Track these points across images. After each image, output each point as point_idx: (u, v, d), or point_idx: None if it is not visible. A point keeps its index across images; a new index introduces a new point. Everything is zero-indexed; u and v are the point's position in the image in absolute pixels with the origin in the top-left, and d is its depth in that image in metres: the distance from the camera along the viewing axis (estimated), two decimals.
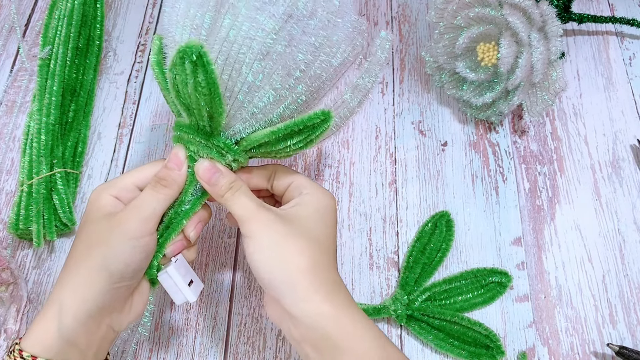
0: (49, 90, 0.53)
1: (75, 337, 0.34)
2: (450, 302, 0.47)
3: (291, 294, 0.34)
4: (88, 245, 0.35)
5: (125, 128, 0.57)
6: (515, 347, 0.46)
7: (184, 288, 0.38)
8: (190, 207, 0.38)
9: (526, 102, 0.52)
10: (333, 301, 0.34)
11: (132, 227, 0.35)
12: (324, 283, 0.35)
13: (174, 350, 0.46)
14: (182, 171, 0.37)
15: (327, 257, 0.36)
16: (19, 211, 0.48)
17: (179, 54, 0.31)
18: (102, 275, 0.34)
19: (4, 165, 0.54)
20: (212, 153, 0.36)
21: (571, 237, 0.51)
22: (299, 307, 0.33)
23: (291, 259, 0.34)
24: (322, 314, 0.33)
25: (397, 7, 0.64)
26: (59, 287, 0.35)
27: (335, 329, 0.33)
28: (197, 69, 0.31)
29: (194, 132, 0.36)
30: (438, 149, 0.55)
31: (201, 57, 0.31)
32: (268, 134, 0.36)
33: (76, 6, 0.57)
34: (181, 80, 0.33)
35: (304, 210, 0.37)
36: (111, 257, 0.34)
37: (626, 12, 0.63)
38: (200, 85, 0.32)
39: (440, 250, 0.49)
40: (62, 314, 0.33)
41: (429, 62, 0.57)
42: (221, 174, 0.37)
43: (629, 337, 0.46)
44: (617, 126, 0.56)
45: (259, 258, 0.35)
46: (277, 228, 0.35)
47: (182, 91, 0.34)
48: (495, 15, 0.49)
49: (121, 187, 0.37)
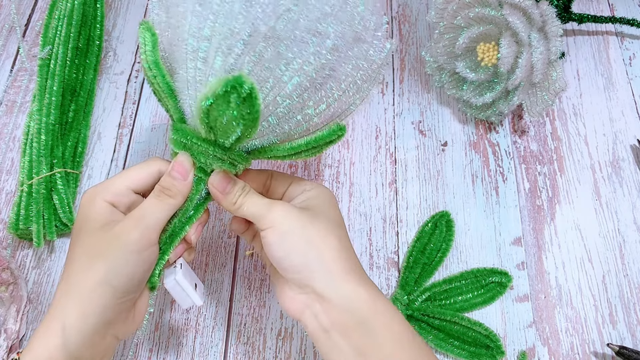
0: (49, 90, 0.53)
1: (81, 352, 0.33)
2: (450, 302, 0.47)
3: (325, 276, 0.33)
4: (88, 258, 0.34)
5: (125, 128, 0.57)
6: (515, 347, 0.46)
7: (192, 293, 0.38)
8: (194, 213, 0.37)
9: (526, 102, 0.52)
10: (367, 284, 0.34)
11: (135, 240, 0.34)
12: (355, 266, 0.35)
13: (174, 350, 0.46)
14: (187, 181, 0.36)
15: (348, 239, 0.37)
16: (19, 211, 0.48)
17: (226, 86, 0.29)
18: (106, 291, 0.33)
19: (4, 165, 0.54)
20: (225, 164, 0.36)
21: (571, 237, 0.51)
22: (335, 289, 0.33)
23: (322, 240, 0.34)
24: (359, 297, 0.33)
25: (397, 7, 0.64)
26: (61, 301, 0.33)
27: (371, 312, 0.33)
28: (245, 104, 0.30)
29: (209, 146, 0.35)
30: (438, 149, 0.55)
31: (252, 93, 0.29)
32: (288, 149, 0.35)
33: (76, 6, 0.57)
34: (219, 109, 0.31)
35: (314, 201, 0.37)
36: (114, 272, 0.33)
37: (626, 12, 0.63)
38: (244, 118, 0.31)
39: (440, 250, 0.49)
40: (67, 330, 0.32)
41: (429, 62, 0.57)
42: (234, 183, 0.36)
43: (629, 337, 0.46)
44: (617, 126, 0.56)
45: (287, 244, 0.34)
46: (298, 215, 0.35)
47: (215, 118, 0.32)
48: (495, 15, 0.49)
49: (116, 192, 0.36)
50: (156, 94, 0.38)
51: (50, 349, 0.32)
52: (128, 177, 0.37)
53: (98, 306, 0.33)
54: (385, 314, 0.34)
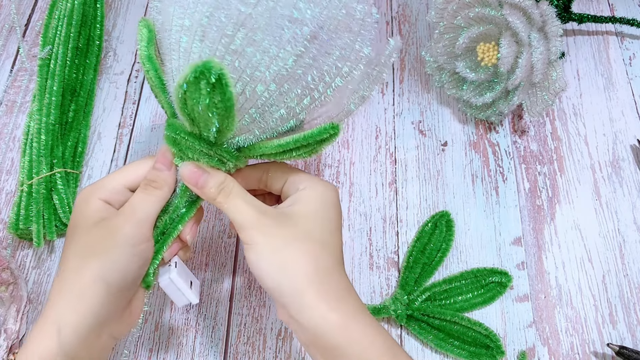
0: (49, 90, 0.53)
1: (77, 351, 0.33)
2: (450, 302, 0.47)
3: (297, 302, 0.33)
4: (82, 256, 0.34)
5: (125, 128, 0.57)
6: (515, 347, 0.46)
7: (187, 291, 0.37)
8: (186, 211, 0.37)
9: (526, 102, 0.52)
10: (340, 309, 0.33)
11: (128, 234, 0.34)
12: (330, 289, 0.33)
13: (174, 350, 0.46)
14: (171, 171, 0.36)
15: (332, 258, 0.35)
16: (19, 211, 0.48)
17: (194, 72, 0.29)
18: (100, 288, 0.33)
19: (4, 165, 0.54)
20: (212, 161, 0.35)
21: (571, 237, 0.51)
22: (306, 316, 0.32)
23: (294, 265, 0.33)
24: (329, 323, 0.32)
25: (397, 7, 0.64)
26: (55, 300, 0.33)
27: (343, 337, 0.32)
28: (215, 90, 0.29)
29: (195, 140, 0.34)
30: (438, 149, 0.55)
31: (221, 79, 0.29)
32: (275, 147, 0.35)
33: (76, 6, 0.57)
34: (193, 97, 0.31)
35: (303, 208, 0.35)
36: (108, 269, 0.33)
37: (626, 12, 0.63)
38: (216, 106, 0.30)
39: (440, 250, 0.49)
40: (62, 330, 0.32)
41: (429, 62, 0.57)
42: (209, 175, 0.35)
43: (629, 337, 0.46)
44: (617, 126, 0.56)
45: (261, 266, 0.33)
46: (277, 232, 0.34)
47: (192, 106, 0.32)
48: (495, 15, 0.49)
49: (111, 190, 0.36)
50: (152, 89, 0.38)
51: (46, 350, 0.32)
52: (123, 175, 0.36)
53: (93, 304, 0.33)
54: (360, 340, 0.32)
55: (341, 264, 0.36)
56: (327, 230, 0.35)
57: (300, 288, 0.33)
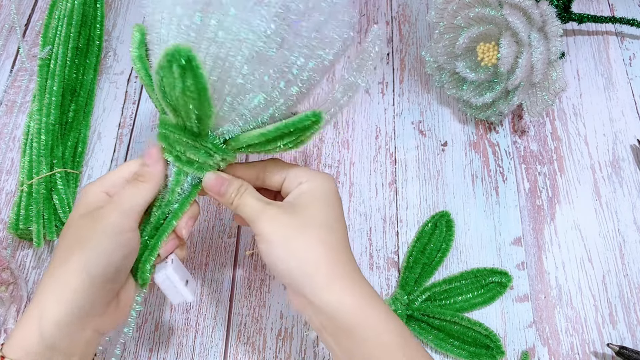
0: (49, 90, 0.53)
1: (58, 342, 0.33)
2: (450, 302, 0.47)
3: (310, 285, 0.33)
4: (69, 246, 0.34)
5: (125, 128, 0.57)
6: (515, 347, 0.46)
7: (182, 288, 0.38)
8: (179, 206, 0.37)
9: (526, 102, 0.52)
10: (354, 291, 0.34)
11: (112, 222, 0.34)
12: (343, 271, 0.34)
13: (174, 350, 0.46)
14: (158, 165, 0.37)
15: (341, 242, 0.36)
16: (19, 211, 0.48)
17: (166, 57, 0.30)
18: (82, 278, 0.33)
19: (4, 165, 0.54)
20: (199, 153, 0.36)
21: (571, 237, 0.51)
22: (320, 297, 0.33)
23: (305, 250, 0.34)
24: (344, 305, 0.33)
25: (397, 7, 0.64)
26: (40, 290, 0.34)
27: (358, 319, 0.33)
28: (186, 73, 0.30)
29: (180, 132, 0.35)
30: (438, 149, 0.55)
31: (190, 61, 0.30)
32: (258, 136, 0.35)
33: (76, 6, 0.57)
34: (168, 83, 0.31)
35: (307, 198, 0.37)
36: (91, 257, 0.33)
37: (626, 12, 0.63)
38: (189, 89, 0.31)
39: (440, 250, 0.49)
40: (43, 319, 0.32)
41: (429, 62, 0.57)
42: (228, 184, 0.37)
43: (629, 337, 0.46)
44: (617, 126, 0.56)
45: (273, 254, 0.35)
46: (285, 222, 0.35)
47: (169, 93, 0.32)
48: (495, 15, 0.49)
49: (112, 183, 0.37)
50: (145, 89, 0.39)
51: (29, 340, 0.32)
52: (124, 169, 0.38)
53: (75, 295, 0.33)
54: (374, 323, 0.33)
55: (349, 248, 0.37)
56: (332, 217, 0.37)
57: (312, 270, 0.34)
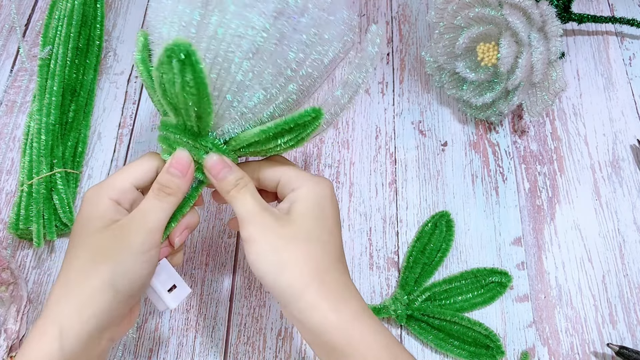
0: (49, 90, 0.53)
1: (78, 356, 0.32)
2: (450, 302, 0.47)
3: (297, 302, 0.32)
4: (91, 259, 0.33)
5: (125, 128, 0.57)
6: (515, 347, 0.46)
7: (164, 295, 0.37)
8: (179, 209, 0.36)
9: (526, 102, 0.52)
10: (340, 309, 0.33)
11: (140, 241, 0.33)
12: (330, 289, 0.33)
13: (174, 350, 0.46)
14: (187, 177, 0.35)
15: (332, 256, 0.35)
16: (19, 211, 0.48)
17: (166, 52, 0.30)
18: (108, 294, 0.32)
19: (4, 165, 0.54)
20: (199, 153, 0.35)
21: (571, 237, 0.51)
22: (306, 315, 0.32)
23: (293, 265, 0.33)
24: (329, 323, 0.32)
25: (397, 7, 0.64)
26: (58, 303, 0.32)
27: (341, 338, 0.32)
28: (185, 68, 0.30)
29: (181, 132, 0.35)
30: (438, 149, 0.55)
31: (189, 55, 0.30)
32: (258, 134, 0.34)
33: (76, 6, 0.57)
34: (168, 79, 0.31)
35: (300, 207, 0.35)
36: (119, 275, 0.32)
37: (626, 12, 0.63)
38: (189, 84, 0.31)
39: (440, 250, 0.49)
40: (65, 333, 0.31)
41: (429, 62, 0.57)
42: (230, 170, 0.35)
43: (629, 337, 0.46)
44: (617, 126, 0.56)
45: (260, 266, 0.33)
46: (276, 231, 0.34)
47: (169, 90, 0.32)
48: (495, 15, 0.49)
49: (120, 189, 0.35)
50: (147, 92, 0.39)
51: (46, 353, 0.31)
52: (130, 173, 0.36)
53: (98, 310, 0.32)
54: (360, 340, 0.32)
55: (341, 262, 0.36)
56: (326, 229, 0.35)
57: (300, 288, 0.33)
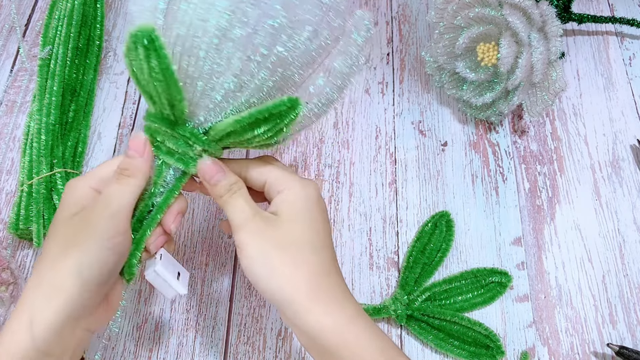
0: (49, 90, 0.53)
1: (50, 346, 0.32)
2: (450, 302, 0.47)
3: (291, 307, 0.32)
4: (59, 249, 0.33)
5: (125, 128, 0.57)
6: (515, 347, 0.46)
7: (174, 283, 0.37)
8: (163, 200, 0.36)
9: (526, 102, 0.52)
10: (334, 313, 0.33)
11: (102, 227, 0.32)
12: (323, 293, 0.33)
13: (174, 350, 0.46)
14: (145, 157, 0.35)
15: (324, 258, 0.34)
16: (19, 211, 0.48)
17: (131, 38, 0.30)
18: (76, 284, 0.32)
19: (4, 165, 0.54)
20: (178, 143, 0.35)
21: (571, 237, 0.51)
22: (301, 320, 0.32)
23: (285, 271, 0.33)
24: (324, 327, 0.32)
25: (397, 7, 0.64)
26: (29, 293, 0.32)
27: (337, 341, 0.32)
28: (150, 53, 0.30)
29: (159, 121, 0.35)
30: (438, 149, 0.55)
31: (153, 41, 0.30)
32: (233, 123, 0.34)
33: (76, 6, 0.57)
34: (137, 66, 0.31)
35: (288, 210, 0.35)
36: (84, 263, 0.32)
37: (626, 12, 0.63)
38: (154, 70, 0.31)
39: (440, 250, 0.49)
40: (35, 323, 0.31)
41: (429, 62, 0.57)
42: (223, 174, 0.35)
43: (629, 337, 0.46)
44: (617, 126, 0.56)
45: (253, 271, 0.33)
46: (267, 236, 0.33)
47: (140, 77, 0.32)
48: (495, 15, 0.49)
49: (100, 178, 0.35)
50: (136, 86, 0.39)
51: (19, 345, 0.31)
52: (113, 163, 0.36)
53: (67, 299, 0.32)
54: (355, 344, 0.32)
55: (334, 265, 0.35)
56: (314, 232, 0.35)
57: (291, 292, 0.33)
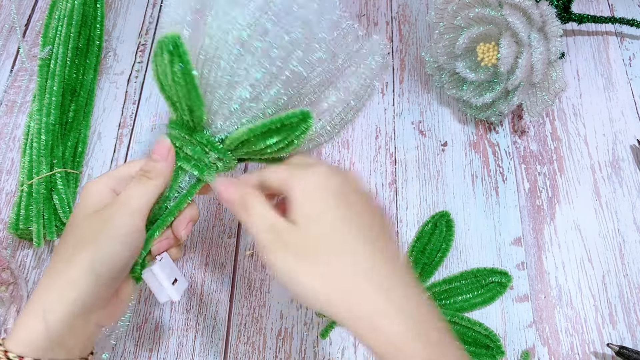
0: (49, 90, 0.53)
1: (62, 337, 0.33)
2: (450, 302, 0.47)
3: (354, 325, 0.30)
4: (76, 244, 0.34)
5: (125, 128, 0.57)
6: (515, 347, 0.46)
7: (168, 287, 0.37)
8: (176, 204, 0.37)
9: (526, 102, 0.52)
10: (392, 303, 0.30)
11: (119, 224, 0.34)
12: (363, 313, 0.30)
13: (174, 350, 0.46)
14: (167, 162, 0.36)
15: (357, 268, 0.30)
16: (19, 211, 0.48)
17: (158, 44, 0.32)
18: (88, 277, 0.33)
19: (4, 165, 0.54)
20: (195, 149, 0.36)
21: (571, 237, 0.51)
22: (361, 337, 0.30)
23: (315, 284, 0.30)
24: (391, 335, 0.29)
25: (397, 7, 0.64)
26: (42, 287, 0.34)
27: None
28: (174, 59, 0.32)
29: (179, 127, 0.36)
30: (438, 149, 0.55)
31: (177, 47, 0.32)
32: (247, 132, 0.35)
33: (76, 6, 0.57)
34: (161, 71, 0.33)
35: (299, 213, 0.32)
36: (99, 259, 0.33)
37: (626, 12, 0.63)
38: (177, 75, 0.32)
39: (440, 250, 0.49)
40: (48, 314, 0.32)
41: (429, 62, 0.57)
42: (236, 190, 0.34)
43: (629, 337, 0.46)
44: (617, 126, 0.56)
45: (291, 291, 0.31)
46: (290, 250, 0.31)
47: (164, 82, 0.34)
48: (495, 15, 0.49)
49: (119, 178, 0.36)
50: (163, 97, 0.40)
51: (33, 334, 0.32)
52: (132, 165, 0.37)
53: (81, 293, 0.33)
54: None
55: (377, 258, 0.31)
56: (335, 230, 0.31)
57: (330, 313, 0.30)
